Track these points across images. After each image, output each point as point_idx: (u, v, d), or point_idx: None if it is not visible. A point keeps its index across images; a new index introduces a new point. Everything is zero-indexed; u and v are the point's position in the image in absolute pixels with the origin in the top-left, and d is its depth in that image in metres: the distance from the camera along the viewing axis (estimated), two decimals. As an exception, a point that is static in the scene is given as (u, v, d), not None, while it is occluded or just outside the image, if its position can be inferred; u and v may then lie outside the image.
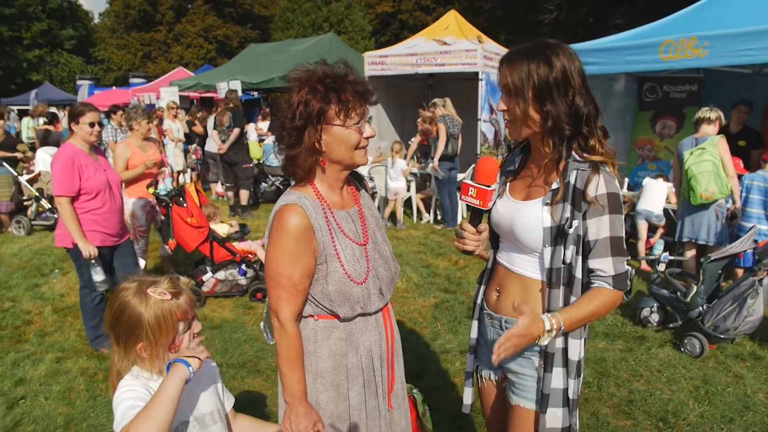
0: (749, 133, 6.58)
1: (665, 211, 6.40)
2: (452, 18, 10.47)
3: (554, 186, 1.66)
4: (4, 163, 8.04)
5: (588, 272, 1.66)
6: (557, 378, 1.70)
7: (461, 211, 8.77)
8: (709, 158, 4.95)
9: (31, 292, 5.67)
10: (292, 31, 31.59)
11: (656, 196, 6.36)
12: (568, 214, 1.62)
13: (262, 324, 2.18)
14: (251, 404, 3.53)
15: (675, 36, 6.08)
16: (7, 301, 5.42)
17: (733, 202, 5.18)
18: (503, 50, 10.04)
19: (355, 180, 2.02)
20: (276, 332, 1.76)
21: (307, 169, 1.78)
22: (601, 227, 1.61)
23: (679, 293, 4.34)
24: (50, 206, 8.02)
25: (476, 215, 1.84)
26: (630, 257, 1.67)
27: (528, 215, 1.69)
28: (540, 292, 1.72)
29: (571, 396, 1.72)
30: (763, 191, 5.11)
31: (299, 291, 1.73)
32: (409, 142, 9.51)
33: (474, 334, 2.00)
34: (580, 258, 1.65)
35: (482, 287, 1.96)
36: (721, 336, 4.00)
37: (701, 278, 4.14)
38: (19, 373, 3.95)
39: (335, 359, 1.81)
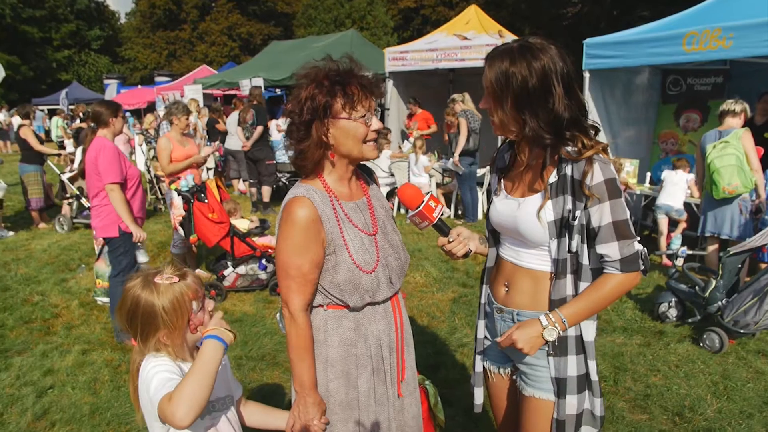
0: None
1: (688, 205, 6.31)
2: (473, 13, 10.42)
3: (551, 180, 1.66)
4: (49, 160, 8.24)
5: (598, 258, 1.67)
6: (572, 365, 1.72)
7: (482, 206, 8.76)
8: (733, 152, 4.87)
9: (59, 286, 5.83)
10: (314, 27, 31.78)
11: (676, 189, 6.26)
12: (569, 206, 1.63)
13: (278, 315, 2.23)
14: (270, 396, 3.61)
15: (699, 27, 5.99)
16: (37, 295, 5.59)
17: (758, 196, 5.09)
18: (524, 44, 9.94)
19: (364, 173, 2.06)
20: (286, 322, 1.81)
21: (316, 163, 1.82)
22: (603, 214, 1.61)
23: (697, 288, 4.29)
24: (89, 204, 8.21)
25: (438, 230, 1.89)
26: (639, 238, 1.67)
27: (530, 212, 1.69)
28: (550, 281, 1.74)
29: (593, 378, 1.73)
30: None
31: (308, 281, 1.78)
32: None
33: (480, 334, 2.01)
34: (586, 246, 1.66)
35: (486, 286, 1.96)
36: (741, 331, 3.94)
37: (720, 272, 4.08)
38: (48, 364, 4.09)
39: (345, 348, 1.85)
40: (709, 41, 5.93)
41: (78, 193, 8.19)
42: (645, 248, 1.68)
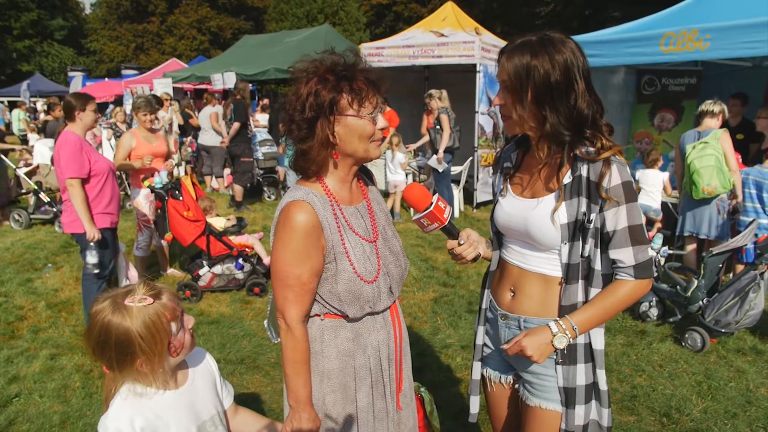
0: (747, 125, 6.57)
1: (665, 204, 6.37)
2: (449, 9, 10.37)
3: (566, 180, 1.59)
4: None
5: (610, 263, 1.61)
6: (581, 374, 1.66)
7: (458, 203, 8.74)
8: (712, 152, 4.91)
9: (24, 287, 5.58)
10: (286, 22, 31.34)
11: (653, 189, 6.33)
12: (584, 209, 1.56)
13: (266, 322, 2.12)
14: (250, 401, 3.48)
15: (676, 28, 6.04)
16: (0, 296, 5.33)
17: (735, 197, 5.15)
18: (501, 42, 9.96)
19: (364, 175, 1.96)
20: (282, 333, 1.70)
21: (321, 164, 1.70)
22: (619, 218, 1.55)
23: (678, 287, 4.31)
24: (49, 199, 7.93)
25: (447, 233, 1.79)
26: (652, 244, 1.62)
27: (543, 213, 1.61)
28: (560, 286, 1.67)
29: (602, 387, 1.68)
30: (758, 185, 5.11)
31: (307, 291, 1.67)
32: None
33: (480, 340, 1.92)
34: (599, 250, 1.60)
35: (488, 291, 1.88)
36: (722, 330, 3.98)
37: (702, 272, 4.11)
38: (13, 371, 3.88)
39: (342, 360, 1.75)
40: (686, 42, 5.98)
41: (36, 188, 7.90)
42: (657, 254, 1.63)
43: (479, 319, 1.92)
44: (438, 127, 8.00)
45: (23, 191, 8.17)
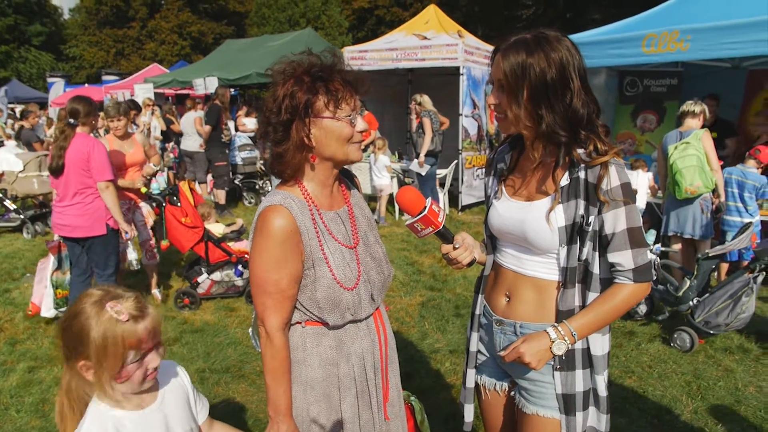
0: (720, 123, 6.70)
1: (650, 205, 6.41)
2: (432, 12, 10.38)
3: (563, 183, 1.56)
4: None
5: (609, 267, 1.58)
6: (580, 380, 1.62)
7: (443, 206, 8.71)
8: (694, 152, 4.93)
9: (1, 297, 5.44)
10: (268, 27, 31.22)
11: (639, 190, 6.36)
12: (582, 211, 1.53)
13: (250, 330, 2.06)
14: (236, 412, 3.41)
15: (657, 29, 6.09)
16: (-24, 307, 5.19)
17: (718, 196, 5.18)
18: (484, 45, 9.98)
19: (346, 178, 1.90)
20: (261, 342, 1.65)
21: (296, 167, 1.66)
22: (617, 220, 1.52)
23: (669, 285, 4.31)
24: (15, 207, 7.78)
25: (441, 237, 1.74)
26: (651, 246, 1.59)
27: (539, 216, 1.58)
28: (557, 291, 1.63)
29: (601, 393, 1.64)
30: (740, 185, 5.15)
31: (286, 298, 1.62)
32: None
33: (474, 347, 1.87)
34: (597, 253, 1.56)
35: (481, 296, 1.84)
36: (711, 331, 3.98)
37: (695, 273, 4.11)
38: (-10, 384, 3.77)
39: (326, 369, 1.69)
40: (667, 43, 6.03)
41: (1, 195, 7.74)
42: (657, 258, 1.60)
43: (472, 325, 1.87)
44: (420, 130, 7.98)
45: None
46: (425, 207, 1.67)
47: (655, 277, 1.57)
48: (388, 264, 1.86)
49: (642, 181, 6.37)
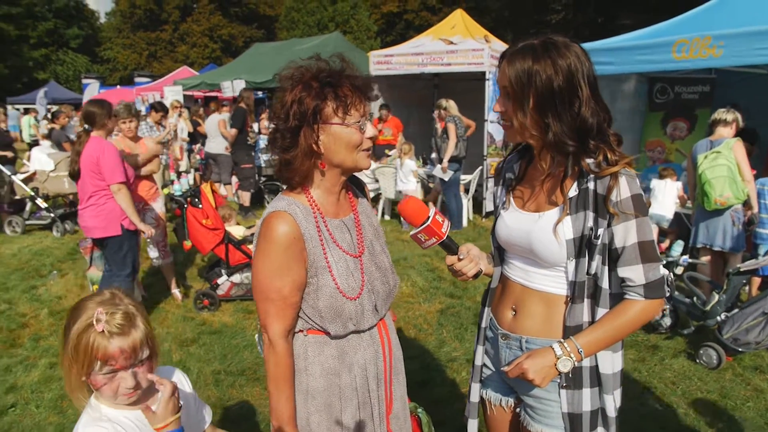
0: (748, 132, 6.47)
1: (678, 215, 6.24)
2: (459, 17, 10.31)
3: (572, 194, 1.50)
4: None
5: (619, 282, 1.51)
6: (587, 399, 1.56)
7: (467, 213, 8.63)
8: (724, 162, 4.78)
9: (28, 294, 5.55)
10: (297, 30, 31.56)
11: (667, 199, 6.20)
12: (591, 223, 1.47)
13: (257, 336, 2.04)
14: (249, 415, 3.40)
15: (689, 35, 5.92)
16: (3, 303, 5.30)
17: (750, 208, 5.01)
18: (511, 50, 9.86)
19: (355, 186, 1.87)
20: (264, 349, 1.63)
21: (305, 174, 1.63)
22: (628, 233, 1.45)
23: (696, 299, 4.18)
24: (45, 206, 7.95)
25: (445, 248, 1.69)
26: (664, 261, 1.52)
27: (546, 228, 1.52)
28: (565, 305, 1.57)
29: (609, 414, 1.57)
30: None
31: (289, 305, 1.59)
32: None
33: (479, 361, 1.82)
34: (606, 267, 1.50)
35: (488, 309, 1.79)
36: (740, 349, 3.83)
37: (725, 287, 3.96)
38: (11, 380, 3.84)
39: (327, 378, 1.67)
40: (699, 49, 5.86)
41: (33, 194, 7.91)
42: (670, 273, 1.53)
43: (478, 338, 1.82)
44: (444, 135, 7.92)
45: (17, 197, 8.21)
46: (428, 217, 1.62)
47: (668, 294, 1.49)
48: (394, 274, 1.82)
49: (670, 190, 6.20)
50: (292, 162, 1.60)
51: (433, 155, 8.96)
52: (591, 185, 1.47)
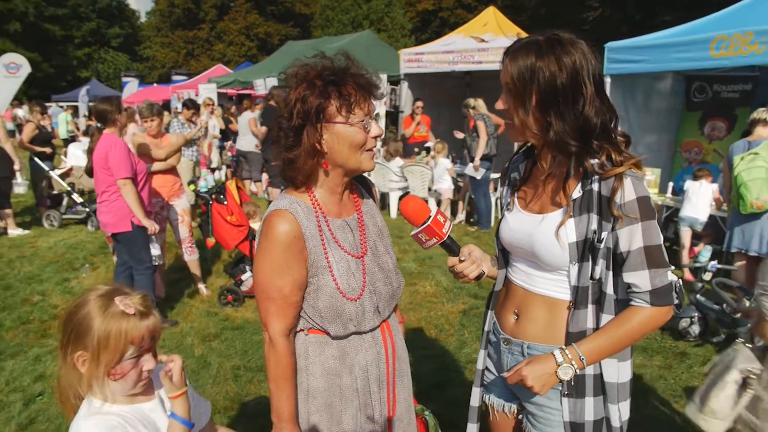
0: None
1: (714, 218, 6.03)
2: (491, 15, 10.21)
3: (575, 195, 1.45)
4: (36, 158, 8.22)
5: (625, 287, 1.46)
6: (590, 408, 1.51)
7: (494, 211, 8.54)
8: (762, 164, 4.59)
9: (61, 286, 5.71)
10: (332, 28, 31.71)
11: (701, 200, 6.00)
12: (595, 226, 1.41)
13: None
14: (266, 411, 3.37)
15: (728, 31, 5.73)
16: (37, 294, 5.47)
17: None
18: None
19: (361, 185, 1.85)
20: (265, 347, 1.63)
21: (308, 174, 1.61)
22: (633, 237, 1.39)
23: (725, 306, 4.03)
24: (81, 201, 8.16)
25: (446, 249, 1.65)
26: (673, 267, 1.44)
27: (548, 230, 1.47)
28: (568, 310, 1.53)
29: (614, 424, 1.52)
30: None
31: (290, 304, 1.59)
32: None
33: (481, 365, 1.79)
34: (611, 272, 1.45)
35: (491, 312, 1.75)
36: (773, 357, 3.67)
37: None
38: (40, 369, 3.95)
39: (328, 378, 1.65)
40: (739, 46, 5.66)
41: (69, 189, 8.13)
42: (680, 280, 1.46)
43: (482, 342, 1.78)
44: (475, 134, 7.84)
45: (54, 192, 8.47)
46: (429, 217, 1.59)
47: (677, 302, 1.42)
48: (398, 275, 1.79)
49: (705, 192, 6.00)
50: (296, 161, 1.59)
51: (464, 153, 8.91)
52: (595, 186, 1.42)
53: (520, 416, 1.70)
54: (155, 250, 4.46)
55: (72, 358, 1.37)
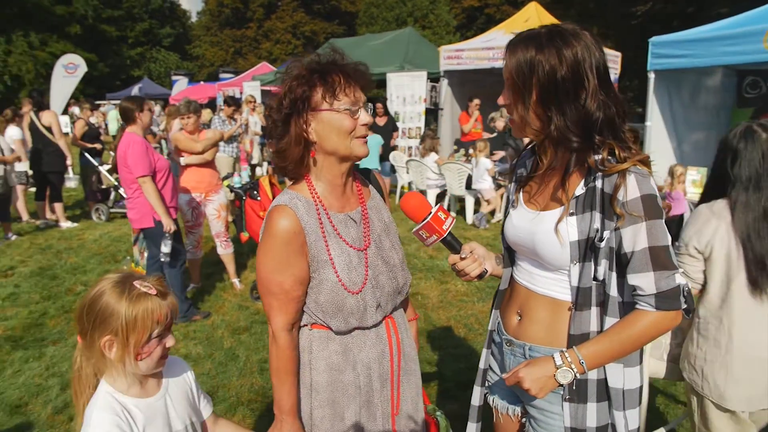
0: None
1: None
2: (533, 10, 10.01)
3: (578, 192, 1.40)
4: (86, 154, 8.54)
5: (630, 290, 1.40)
6: (592, 414, 1.45)
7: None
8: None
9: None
10: (376, 26, 31.78)
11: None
12: (597, 225, 1.36)
13: None
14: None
15: (783, 23, 5.44)
16: (81, 285, 5.69)
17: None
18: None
19: (369, 181, 1.84)
20: (269, 341, 1.65)
21: (297, 161, 1.61)
22: (637, 237, 1.33)
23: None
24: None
25: (447, 246, 1.61)
26: (682, 270, 1.37)
27: (550, 228, 1.42)
28: (570, 312, 1.48)
29: (620, 431, 1.46)
30: None
31: (291, 299, 1.59)
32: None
33: (483, 365, 1.75)
34: (614, 273, 1.38)
35: (496, 312, 1.71)
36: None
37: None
38: (78, 356, 4.09)
39: (331, 374, 1.66)
40: (794, 39, 5.37)
41: (116, 183, 8.41)
42: (688, 283, 1.38)
43: (486, 341, 1.75)
44: (508, 133, 7.72)
45: (103, 186, 8.77)
46: (429, 213, 1.56)
47: (685, 306, 1.34)
48: (405, 271, 1.77)
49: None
50: (285, 150, 1.60)
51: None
52: (599, 184, 1.36)
53: (524, 419, 1.66)
54: (165, 248, 4.44)
55: (100, 344, 1.40)
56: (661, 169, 6.47)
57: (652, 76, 6.59)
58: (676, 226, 6.39)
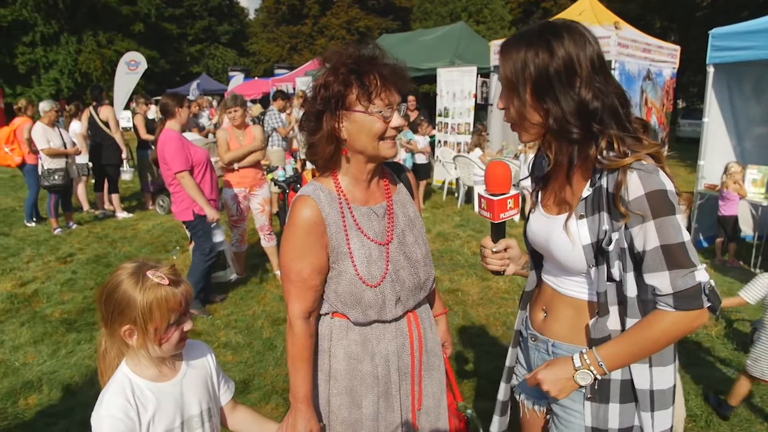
0: None
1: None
2: (587, 3, 9.69)
3: (585, 193, 1.36)
4: (153, 147, 8.86)
5: (650, 290, 1.34)
6: (614, 415, 1.42)
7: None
8: None
9: (152, 266, 6.14)
10: (429, 21, 31.61)
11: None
12: (606, 226, 1.32)
13: None
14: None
15: None
16: (132, 273, 5.91)
17: None
18: (643, 37, 9.12)
19: (394, 173, 1.84)
20: (286, 328, 1.68)
21: (327, 158, 1.63)
22: (647, 236, 1.28)
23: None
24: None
25: (493, 230, 1.58)
26: (703, 266, 1.30)
27: (563, 233, 1.40)
28: (592, 314, 1.45)
29: None
30: None
31: (309, 287, 1.62)
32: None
33: (509, 362, 1.75)
34: (630, 274, 1.34)
35: (522, 312, 1.70)
36: None
37: None
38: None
39: (349, 362, 1.68)
40: None
41: None
42: (712, 280, 1.31)
43: (512, 340, 1.75)
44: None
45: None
46: (501, 194, 1.52)
47: (708, 305, 1.26)
48: (428, 267, 1.76)
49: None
50: (316, 145, 1.62)
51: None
52: (603, 182, 1.32)
53: (548, 416, 1.64)
54: (218, 236, 4.55)
55: (120, 332, 1.46)
56: (721, 168, 6.18)
57: (711, 70, 6.29)
58: (731, 226, 6.10)
